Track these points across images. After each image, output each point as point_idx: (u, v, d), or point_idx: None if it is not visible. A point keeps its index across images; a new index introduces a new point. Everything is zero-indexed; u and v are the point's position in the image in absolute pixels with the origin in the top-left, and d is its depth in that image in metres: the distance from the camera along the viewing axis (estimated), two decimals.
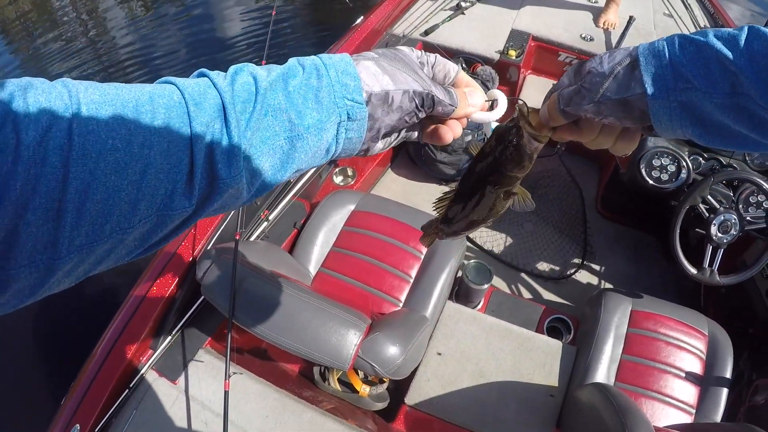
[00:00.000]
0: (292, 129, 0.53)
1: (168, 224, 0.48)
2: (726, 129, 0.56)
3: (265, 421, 1.73)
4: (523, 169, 0.68)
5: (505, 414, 1.97)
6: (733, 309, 2.46)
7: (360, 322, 1.66)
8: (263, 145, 0.51)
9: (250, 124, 0.50)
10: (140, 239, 0.47)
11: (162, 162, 0.45)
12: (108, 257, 0.46)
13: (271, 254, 2.07)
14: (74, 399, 1.72)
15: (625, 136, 0.66)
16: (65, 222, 0.39)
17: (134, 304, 1.86)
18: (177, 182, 0.46)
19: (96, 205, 0.41)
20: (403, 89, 0.59)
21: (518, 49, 2.86)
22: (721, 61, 0.53)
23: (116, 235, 0.44)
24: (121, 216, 0.43)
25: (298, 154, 0.55)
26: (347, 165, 2.87)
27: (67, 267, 0.42)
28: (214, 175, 0.48)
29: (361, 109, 0.57)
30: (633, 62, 0.58)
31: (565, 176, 3.07)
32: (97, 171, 0.40)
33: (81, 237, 0.41)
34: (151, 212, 0.45)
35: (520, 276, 2.76)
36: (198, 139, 0.47)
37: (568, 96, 0.63)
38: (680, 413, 1.93)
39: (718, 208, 2.07)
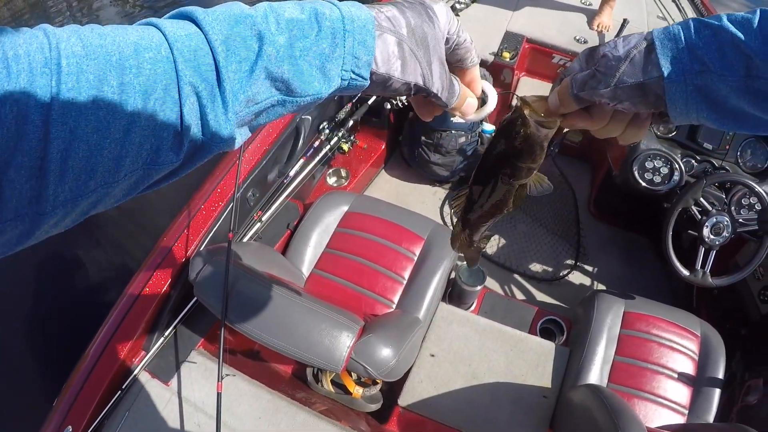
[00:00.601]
0: (288, 93, 0.51)
1: (154, 176, 0.47)
2: (740, 112, 0.56)
3: (258, 422, 1.73)
4: (536, 158, 0.67)
5: (498, 415, 1.97)
6: (726, 310, 2.47)
7: (353, 324, 1.66)
8: (255, 106, 0.50)
9: (244, 87, 0.48)
10: (127, 189, 0.47)
11: (147, 119, 0.43)
12: (95, 207, 0.46)
13: (264, 255, 2.07)
14: (66, 400, 1.72)
15: (635, 124, 0.66)
16: (48, 179, 0.39)
17: (127, 305, 1.86)
18: (164, 139, 0.45)
19: (79, 162, 0.40)
20: (405, 80, 0.57)
21: (512, 51, 2.86)
22: (736, 44, 0.53)
23: (101, 189, 0.43)
24: (105, 172, 0.42)
25: (286, 111, 0.54)
26: (341, 166, 2.87)
27: (53, 220, 0.42)
28: (204, 133, 0.47)
29: (363, 83, 0.55)
30: (649, 46, 0.58)
31: (558, 178, 3.08)
32: (78, 129, 0.40)
33: (65, 192, 0.41)
34: (136, 167, 0.45)
35: (513, 277, 2.76)
36: (187, 98, 0.45)
37: (582, 80, 0.62)
38: (673, 414, 1.93)
39: (710, 210, 2.07)
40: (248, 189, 2.19)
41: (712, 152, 2.29)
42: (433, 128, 2.69)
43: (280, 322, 1.64)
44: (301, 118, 2.40)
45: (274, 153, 2.29)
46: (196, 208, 2.05)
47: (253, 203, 2.26)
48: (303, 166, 2.44)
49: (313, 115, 2.48)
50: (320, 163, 2.58)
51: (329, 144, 2.55)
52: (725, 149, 2.28)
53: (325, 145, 2.54)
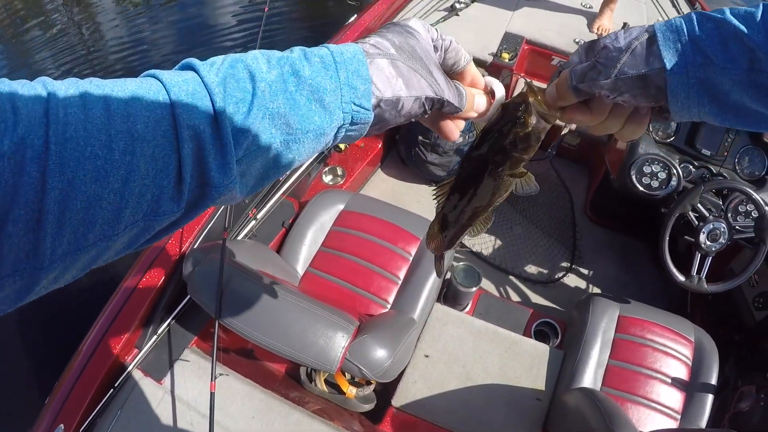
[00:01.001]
0: (289, 133, 0.50)
1: (156, 227, 0.46)
2: (743, 107, 0.56)
3: (251, 422, 1.72)
4: (529, 150, 0.66)
5: (492, 417, 1.97)
6: (720, 316, 2.48)
7: (348, 325, 1.65)
8: (257, 150, 0.49)
9: (243, 128, 0.47)
10: (128, 242, 0.46)
11: (147, 168, 0.43)
12: (96, 261, 0.45)
13: (258, 253, 2.06)
14: (58, 398, 1.70)
15: (634, 119, 0.65)
16: (45, 232, 0.38)
17: (120, 302, 1.85)
18: (164, 187, 0.44)
19: (77, 215, 0.40)
20: (416, 96, 0.57)
21: (512, 52, 2.86)
22: (740, 37, 0.53)
23: (101, 243, 0.42)
24: (104, 224, 0.42)
25: (294, 155, 0.52)
26: (336, 164, 2.86)
27: (52, 275, 0.41)
28: (205, 181, 0.46)
29: (367, 115, 0.54)
30: (650, 38, 0.58)
31: (555, 180, 3.08)
32: (76, 180, 0.39)
33: (63, 246, 0.40)
34: (137, 218, 0.44)
35: (509, 279, 2.76)
36: (185, 144, 0.44)
37: (581, 72, 0.61)
38: (666, 419, 1.94)
39: (707, 216, 2.07)
40: None
41: (710, 158, 2.29)
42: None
43: (274, 322, 1.63)
44: None
45: None
46: None
47: (248, 201, 2.25)
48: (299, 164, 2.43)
49: None
50: (316, 161, 2.57)
51: None
52: (723, 156, 2.28)
53: None
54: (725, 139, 2.27)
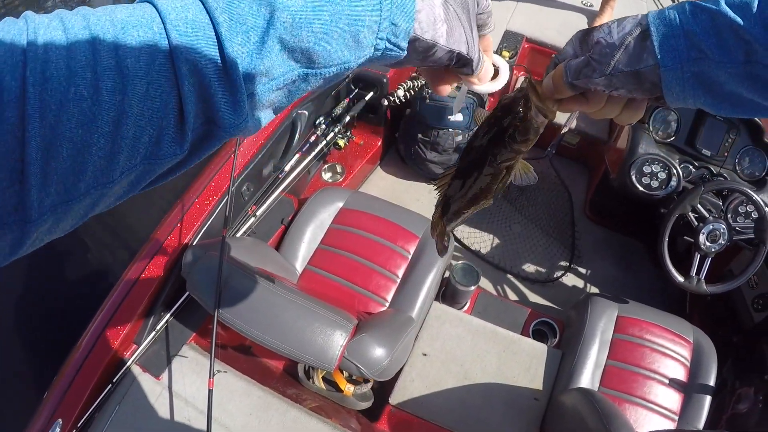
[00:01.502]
0: (310, 66, 0.45)
1: (157, 170, 0.43)
2: (738, 98, 0.55)
3: (249, 419, 1.72)
4: (527, 142, 0.66)
5: (490, 416, 1.97)
6: (719, 317, 2.48)
7: (346, 323, 1.65)
8: (270, 82, 0.44)
9: (255, 62, 0.42)
10: (128, 186, 0.42)
11: (141, 108, 0.38)
12: (93, 209, 0.42)
13: (257, 251, 2.06)
14: (56, 393, 1.71)
15: (631, 106, 0.65)
16: (30, 184, 0.35)
17: (118, 298, 1.85)
18: (163, 128, 0.40)
19: (63, 163, 0.36)
20: (450, 48, 0.54)
21: (512, 50, 2.85)
22: (735, 29, 0.52)
23: (94, 191, 0.39)
24: (96, 171, 0.38)
25: (311, 87, 0.48)
26: (336, 162, 2.85)
27: (44, 227, 0.38)
28: (211, 120, 0.43)
29: (399, 54, 0.50)
30: (644, 32, 0.56)
31: (555, 179, 3.07)
32: (59, 125, 0.35)
33: (51, 197, 0.37)
34: (134, 162, 0.40)
35: (507, 278, 2.76)
36: (185, 80, 0.40)
37: (576, 68, 0.60)
38: (663, 420, 1.94)
39: (707, 217, 2.07)
40: (243, 183, 2.17)
41: (710, 159, 2.28)
42: (430, 126, 2.68)
43: (272, 320, 1.63)
44: (298, 113, 2.39)
45: (269, 147, 2.27)
46: (190, 201, 2.03)
47: (247, 197, 2.25)
48: (298, 161, 2.43)
49: (310, 110, 2.46)
50: (316, 159, 2.57)
51: (325, 139, 2.54)
52: (724, 156, 2.27)
53: (321, 141, 2.53)
54: (726, 140, 2.27)
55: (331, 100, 2.63)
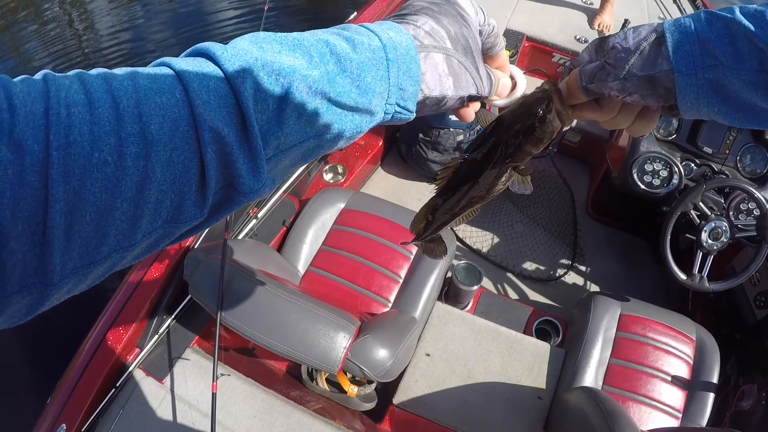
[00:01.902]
0: (325, 132, 0.47)
1: (177, 233, 0.43)
2: (752, 107, 0.55)
3: (253, 421, 1.72)
4: (540, 145, 0.65)
5: (493, 415, 1.97)
6: (721, 314, 2.47)
7: (349, 325, 1.65)
8: (288, 149, 0.45)
9: (274, 129, 0.43)
10: (147, 248, 0.42)
11: (164, 174, 0.39)
12: (112, 269, 0.41)
13: (259, 253, 2.06)
14: (60, 398, 1.71)
15: (644, 116, 0.64)
16: (53, 247, 0.35)
17: (121, 302, 1.85)
18: (185, 193, 0.41)
19: (87, 227, 0.36)
20: (460, 96, 0.55)
21: (512, 49, 2.85)
22: (749, 38, 0.52)
23: (115, 254, 0.39)
24: (119, 235, 0.38)
25: (325, 150, 0.49)
26: (337, 162, 2.85)
27: (65, 288, 0.38)
28: (231, 185, 0.43)
29: (409, 116, 0.52)
30: (659, 38, 0.56)
31: (556, 178, 3.07)
32: (83, 190, 0.35)
33: (74, 260, 0.36)
34: (155, 226, 0.40)
35: (509, 277, 2.76)
36: (208, 147, 0.40)
37: (591, 72, 0.61)
38: (666, 417, 1.94)
39: (709, 214, 2.07)
40: None
41: (711, 156, 2.28)
42: (431, 126, 2.68)
43: (276, 322, 1.63)
44: None
45: None
46: None
47: None
48: None
49: None
50: (317, 159, 2.56)
51: None
52: (725, 154, 2.27)
53: None
54: (727, 137, 2.27)
55: None
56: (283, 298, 1.67)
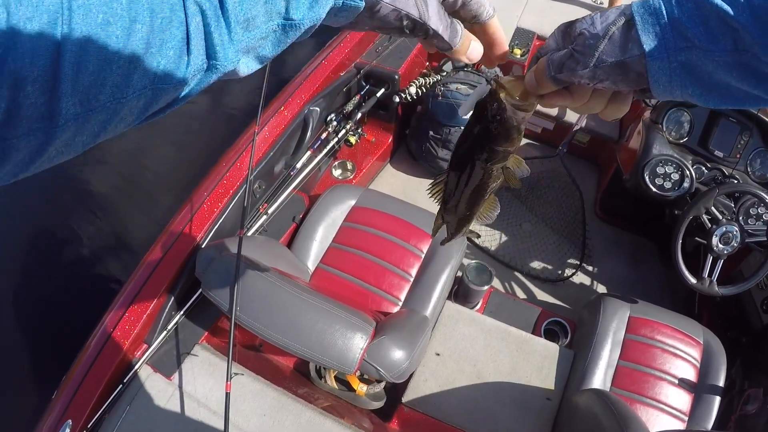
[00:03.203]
0: (288, 19, 0.50)
1: (162, 98, 0.48)
2: (727, 87, 0.54)
3: (263, 419, 1.71)
4: (513, 142, 0.65)
5: (502, 416, 1.97)
6: (728, 318, 2.48)
7: (366, 326, 1.64)
8: (256, 31, 0.49)
9: (246, 7, 0.47)
10: (136, 112, 0.47)
11: (154, 38, 0.43)
12: (105, 129, 0.46)
13: (270, 249, 2.04)
14: (66, 394, 1.69)
15: (616, 100, 0.63)
16: (60, 92, 0.39)
17: (129, 297, 1.83)
18: (170, 58, 0.45)
19: (89, 77, 0.41)
20: (395, 7, 0.55)
21: (523, 48, 2.83)
22: (722, 17, 0.50)
23: (110, 105, 0.43)
24: (114, 86, 0.43)
25: (289, 39, 0.52)
26: (347, 159, 2.83)
27: (65, 136, 0.42)
28: (208, 55, 0.47)
29: (358, 4, 0.53)
30: (628, 21, 0.55)
31: (566, 177, 3.06)
32: (89, 44, 0.40)
33: (76, 106, 0.41)
34: (144, 84, 0.45)
35: (518, 277, 2.76)
36: (193, 18, 0.45)
37: (559, 61, 0.59)
38: (673, 420, 1.95)
39: (720, 219, 2.07)
40: (255, 181, 2.15)
41: (722, 160, 2.29)
42: (441, 123, 2.67)
43: (291, 322, 1.61)
44: (309, 110, 2.37)
45: (281, 145, 2.25)
46: (201, 199, 2.01)
47: (259, 195, 2.23)
48: (310, 158, 2.41)
49: (321, 106, 2.44)
50: (327, 156, 2.55)
51: (336, 136, 2.53)
52: (736, 158, 2.27)
53: (333, 138, 2.52)
54: (738, 141, 2.27)
55: (342, 97, 2.61)
56: (297, 296, 1.65)
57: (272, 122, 2.25)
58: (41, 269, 3.03)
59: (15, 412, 2.52)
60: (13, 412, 2.52)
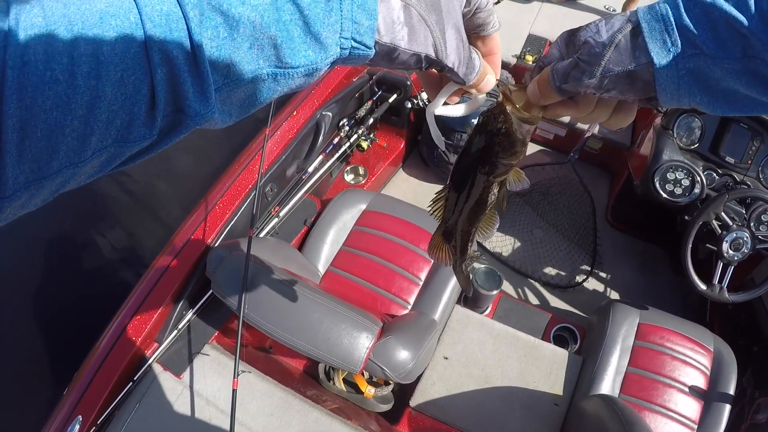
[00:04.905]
0: (279, 66, 0.46)
1: (127, 153, 0.44)
2: (734, 95, 0.52)
3: (270, 419, 1.72)
4: (516, 155, 0.63)
5: (510, 421, 1.97)
6: (739, 326, 2.46)
7: (372, 325, 1.65)
8: (239, 79, 0.45)
9: (224, 56, 0.43)
10: (99, 167, 0.44)
11: (114, 93, 0.40)
12: (64, 186, 0.43)
13: (281, 251, 2.06)
14: (77, 390, 1.72)
15: (622, 109, 0.62)
16: (5, 162, 0.36)
17: (141, 296, 1.86)
18: (135, 114, 0.41)
19: (38, 143, 0.37)
20: (414, 52, 0.52)
21: (536, 55, 2.84)
22: (731, 23, 0.48)
23: (66, 170, 0.40)
24: (69, 151, 0.39)
25: (281, 88, 0.49)
26: (359, 164, 2.85)
27: (18, 202, 0.39)
28: (180, 109, 0.43)
29: (368, 53, 0.50)
30: (634, 29, 0.53)
31: (577, 184, 3.05)
32: (34, 107, 0.36)
33: (25, 174, 0.38)
34: (105, 144, 0.41)
35: (528, 282, 2.75)
36: (158, 69, 0.41)
37: (564, 71, 0.57)
38: (682, 428, 1.93)
39: (730, 225, 2.06)
40: (267, 184, 2.18)
41: (733, 166, 2.27)
42: (453, 129, 2.68)
43: (298, 320, 1.63)
44: (322, 114, 2.40)
45: (293, 149, 2.28)
46: (214, 201, 2.04)
47: (271, 198, 2.25)
48: (322, 163, 2.44)
49: (334, 111, 2.47)
50: (339, 160, 2.57)
51: (349, 141, 2.55)
52: (747, 164, 2.26)
53: (345, 142, 2.54)
54: (750, 147, 2.25)
55: (355, 102, 2.63)
56: (306, 296, 1.67)
57: (284, 126, 2.28)
58: (57, 272, 3.07)
59: (26, 407, 2.55)
60: (24, 406, 2.55)
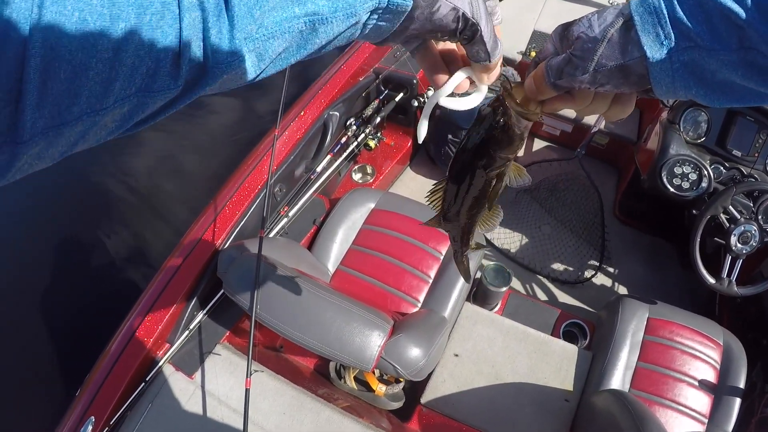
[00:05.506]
0: (316, 12, 0.44)
1: (150, 105, 0.42)
2: (730, 86, 0.52)
3: (283, 418, 1.73)
4: (514, 149, 0.64)
5: (520, 417, 1.97)
6: (748, 319, 2.46)
7: (384, 323, 1.66)
8: (276, 27, 0.43)
9: (259, 3, 0.42)
10: (120, 120, 0.42)
11: (142, 38, 0.38)
12: (84, 138, 0.41)
13: (291, 251, 2.07)
14: (89, 391, 1.72)
15: (619, 101, 0.61)
16: (25, 103, 0.35)
17: (152, 297, 1.87)
18: (160, 61, 0.40)
19: (60, 85, 0.36)
20: (454, 5, 0.51)
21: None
22: (725, 14, 0.48)
23: (87, 116, 0.39)
24: (91, 96, 0.38)
25: (319, 39, 0.47)
26: (366, 162, 2.86)
27: (34, 150, 0.38)
28: (206, 57, 0.42)
29: (405, 4, 0.48)
30: (626, 22, 0.52)
31: (584, 180, 3.05)
32: (60, 47, 0.35)
33: (44, 118, 0.36)
34: (128, 92, 0.40)
35: (537, 278, 2.76)
36: (187, 13, 0.40)
37: (557, 67, 0.57)
38: (692, 422, 1.93)
39: (738, 218, 2.05)
40: (276, 184, 2.19)
41: (741, 159, 2.26)
42: (460, 127, 2.68)
43: (311, 320, 1.64)
44: (329, 114, 2.40)
45: (301, 149, 2.29)
46: (223, 202, 2.05)
47: (280, 198, 2.26)
48: (330, 162, 2.45)
49: (341, 111, 2.47)
50: (347, 160, 2.58)
51: (356, 140, 2.56)
52: (754, 157, 2.25)
53: (352, 142, 2.55)
54: (756, 140, 2.25)
55: (362, 102, 2.64)
56: (317, 295, 1.68)
57: (292, 126, 2.28)
58: (67, 273, 3.08)
59: (39, 408, 2.56)
60: (37, 407, 2.57)
